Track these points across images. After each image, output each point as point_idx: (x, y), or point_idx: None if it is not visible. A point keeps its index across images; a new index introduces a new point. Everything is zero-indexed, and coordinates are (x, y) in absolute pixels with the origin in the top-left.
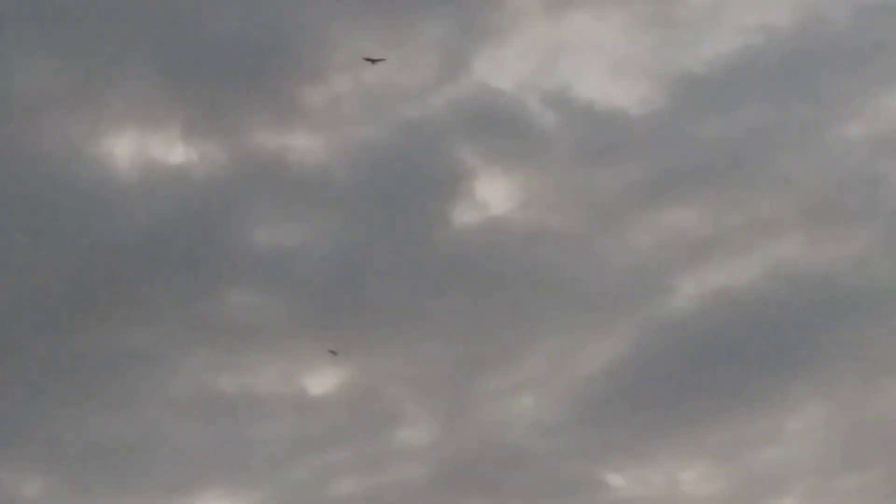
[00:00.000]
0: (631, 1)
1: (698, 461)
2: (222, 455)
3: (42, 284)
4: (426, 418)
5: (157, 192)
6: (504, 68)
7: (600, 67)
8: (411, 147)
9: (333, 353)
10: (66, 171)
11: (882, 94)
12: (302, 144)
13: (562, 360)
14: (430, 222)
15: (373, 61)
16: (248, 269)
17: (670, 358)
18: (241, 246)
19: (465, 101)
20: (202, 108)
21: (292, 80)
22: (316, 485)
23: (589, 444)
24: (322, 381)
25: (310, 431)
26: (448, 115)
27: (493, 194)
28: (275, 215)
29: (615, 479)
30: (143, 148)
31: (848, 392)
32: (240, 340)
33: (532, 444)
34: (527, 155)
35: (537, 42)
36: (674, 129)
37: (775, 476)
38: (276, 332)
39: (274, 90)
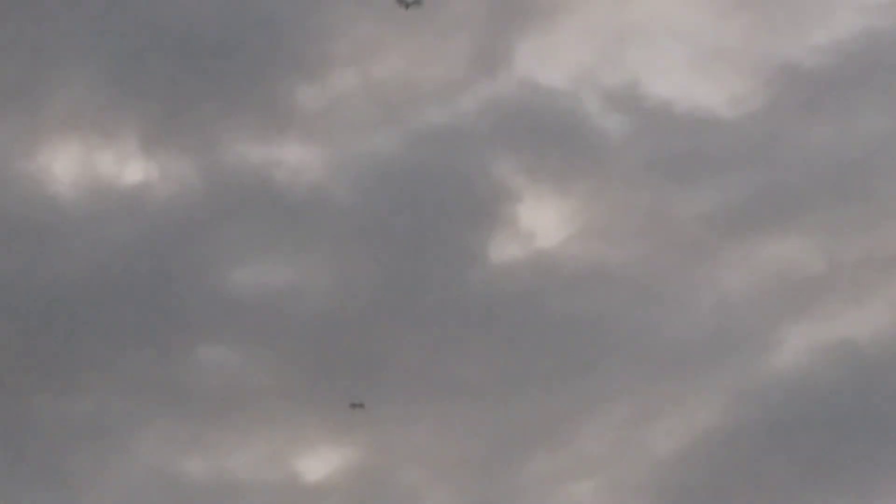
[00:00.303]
0: None
1: None
2: None
3: None
4: None
5: (107, 218)
6: (554, 60)
7: (680, 59)
8: (434, 161)
9: (358, 405)
10: None
11: None
12: (293, 157)
13: (629, 433)
14: (460, 257)
15: (407, 5)
16: (223, 318)
17: (771, 433)
18: (215, 289)
19: (505, 103)
20: (164, 113)
21: (282, 76)
22: None
23: None
24: (319, 463)
25: None
26: (482, 119)
27: (541, 222)
28: (258, 248)
29: None
30: (90, 163)
31: None
32: (212, 409)
33: None
34: (584, 170)
35: (598, 26)
36: (774, 137)
37: None
38: (260, 399)
39: (257, 90)
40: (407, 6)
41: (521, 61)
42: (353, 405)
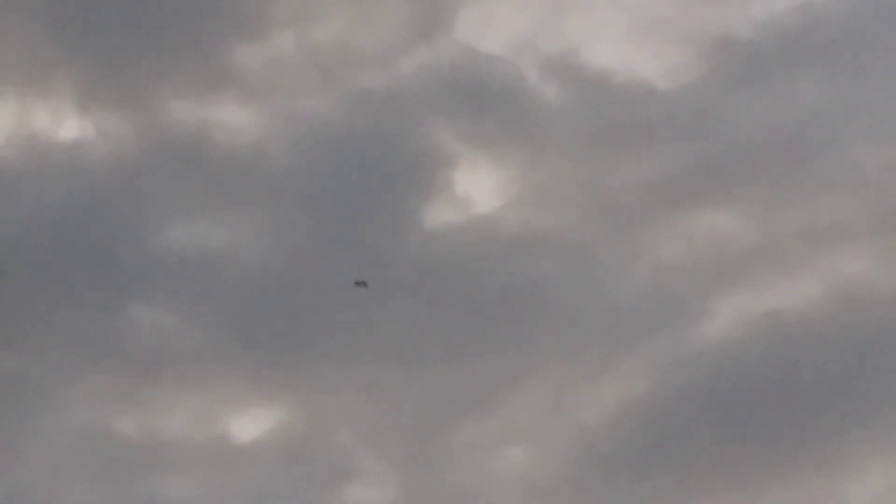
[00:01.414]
0: None
1: None
2: None
3: None
4: (384, 473)
5: (41, 176)
6: (494, 26)
7: (618, 28)
8: (372, 125)
9: (361, 283)
10: None
11: None
12: (230, 118)
13: (560, 401)
14: (396, 222)
15: None
16: (156, 277)
17: (700, 400)
18: (149, 248)
19: (443, 68)
20: (101, 70)
21: (219, 35)
22: None
23: None
24: (250, 423)
25: (233, 488)
26: (420, 84)
27: (478, 188)
28: (193, 208)
29: None
30: (24, 121)
31: None
32: (144, 369)
33: None
34: (521, 138)
35: None
36: (711, 109)
37: None
38: (192, 359)
39: (195, 48)
40: None
41: (461, 27)
42: (358, 283)
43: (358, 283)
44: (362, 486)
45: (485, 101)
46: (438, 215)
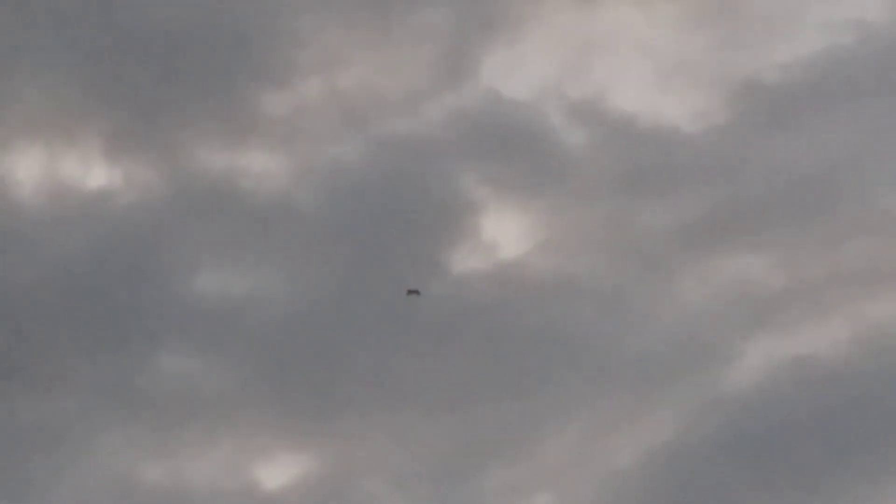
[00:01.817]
0: None
1: None
2: None
3: None
4: None
5: (69, 223)
6: (520, 72)
7: (645, 72)
8: (399, 171)
9: (414, 292)
10: None
11: None
12: (258, 165)
13: (589, 447)
14: (423, 268)
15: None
16: (184, 324)
17: (729, 447)
18: (176, 295)
19: (470, 114)
20: (128, 117)
21: (247, 83)
22: None
23: None
24: (278, 470)
25: None
26: (447, 130)
27: (504, 233)
28: (220, 256)
29: None
30: (53, 167)
31: None
32: (171, 416)
33: None
34: (548, 183)
35: (564, 39)
36: (738, 153)
37: None
38: (220, 406)
39: (223, 95)
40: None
41: (487, 72)
42: (410, 292)
43: (410, 292)
44: None
45: (511, 146)
46: (465, 261)
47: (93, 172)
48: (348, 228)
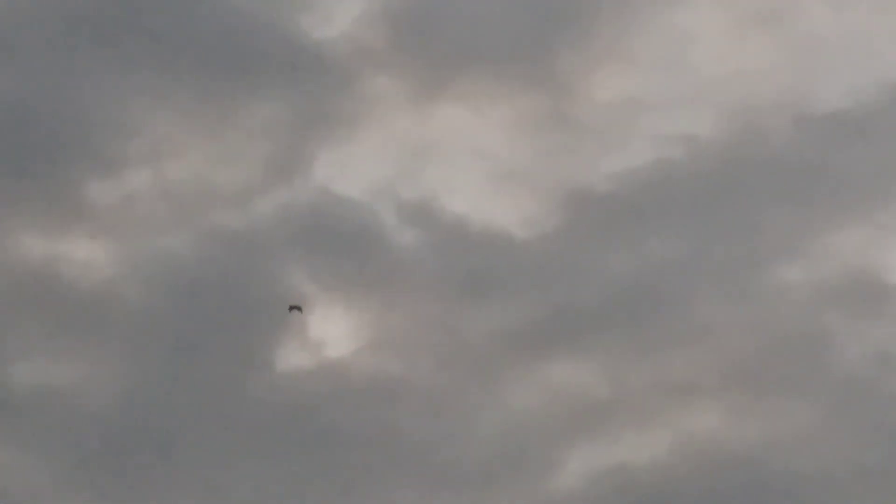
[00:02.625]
0: (519, 94)
1: None
2: None
3: None
4: None
5: None
6: (352, 170)
7: (477, 176)
8: (226, 265)
9: (296, 307)
10: None
11: (830, 228)
12: (81, 253)
13: None
14: (248, 364)
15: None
16: (2, 416)
17: None
18: None
19: (301, 210)
20: None
21: (74, 169)
22: None
23: None
24: None
25: None
26: (277, 225)
27: (331, 332)
28: (39, 346)
29: None
30: None
31: None
32: None
33: None
34: (377, 283)
35: (397, 139)
36: (566, 260)
37: None
38: (36, 499)
39: (46, 180)
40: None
41: (320, 170)
42: (292, 307)
43: (293, 308)
44: None
45: (341, 245)
46: (291, 358)
47: None
48: (173, 321)
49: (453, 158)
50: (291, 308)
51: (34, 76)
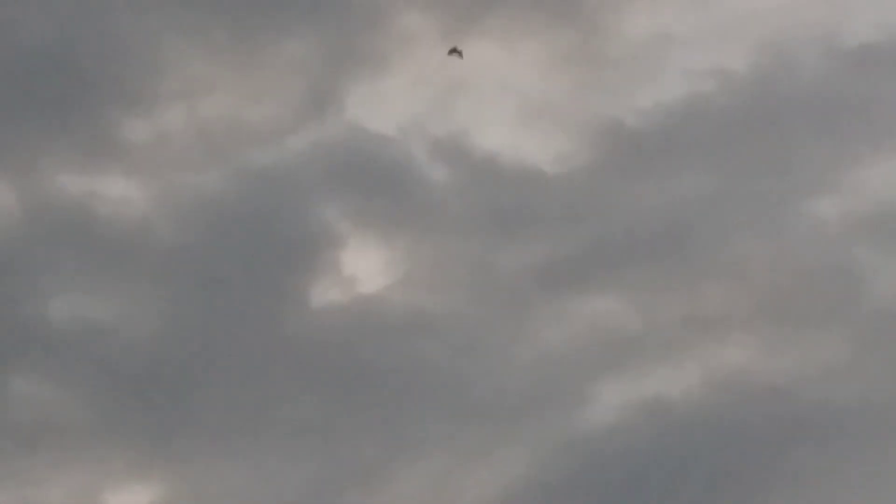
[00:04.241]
0: (550, 30)
1: None
2: None
3: None
4: None
5: None
6: (384, 107)
7: (508, 112)
8: (260, 202)
9: (456, 52)
10: None
11: (861, 162)
12: (116, 191)
13: (444, 481)
14: (281, 300)
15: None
16: (36, 349)
17: (583, 484)
18: (29, 319)
19: (333, 147)
20: None
21: (107, 107)
22: None
23: None
24: (130, 498)
25: None
26: (310, 163)
27: (364, 268)
28: (76, 281)
29: None
30: None
31: None
32: (22, 443)
33: None
34: (409, 219)
35: (429, 76)
36: (597, 196)
37: None
38: (72, 433)
39: (82, 119)
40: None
41: (352, 107)
42: (452, 52)
43: (451, 52)
44: None
45: (373, 181)
46: (324, 294)
47: None
48: (207, 257)
49: (484, 94)
50: (451, 52)
51: (67, 15)
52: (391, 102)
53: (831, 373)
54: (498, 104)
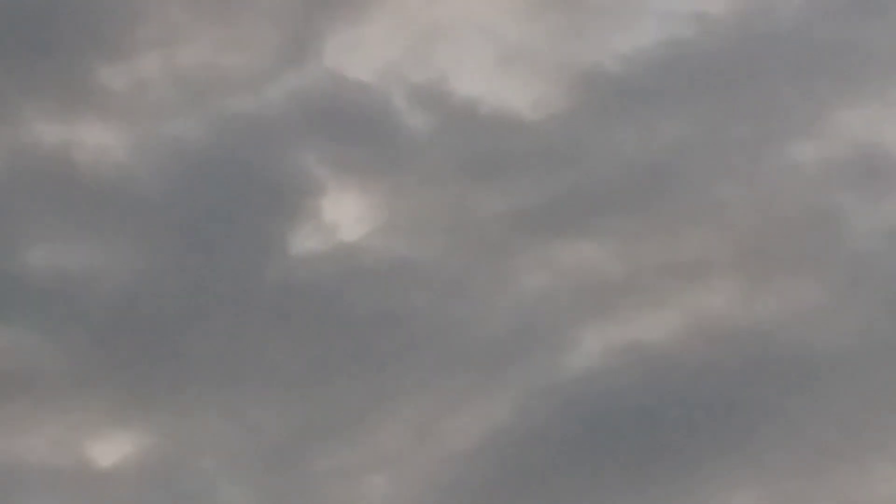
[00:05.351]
0: None
1: None
2: None
3: None
4: (246, 500)
5: None
6: (363, 53)
7: (486, 58)
8: (238, 149)
9: None
10: None
11: (841, 106)
12: (94, 139)
13: (426, 429)
14: (261, 248)
15: None
16: (15, 299)
17: (565, 429)
18: (8, 269)
19: (311, 94)
20: None
21: (84, 55)
22: None
23: None
24: (111, 448)
25: None
26: (288, 110)
27: (344, 215)
28: (55, 230)
29: None
30: None
31: (786, 478)
32: (1, 392)
33: None
34: (388, 166)
35: (407, 22)
36: (577, 141)
37: None
38: (52, 383)
39: (59, 67)
40: None
41: (330, 53)
42: None
43: None
44: None
45: (352, 128)
46: (304, 242)
47: None
48: (186, 205)
49: (462, 40)
50: None
51: None
52: (370, 49)
53: (811, 316)
54: (476, 50)
